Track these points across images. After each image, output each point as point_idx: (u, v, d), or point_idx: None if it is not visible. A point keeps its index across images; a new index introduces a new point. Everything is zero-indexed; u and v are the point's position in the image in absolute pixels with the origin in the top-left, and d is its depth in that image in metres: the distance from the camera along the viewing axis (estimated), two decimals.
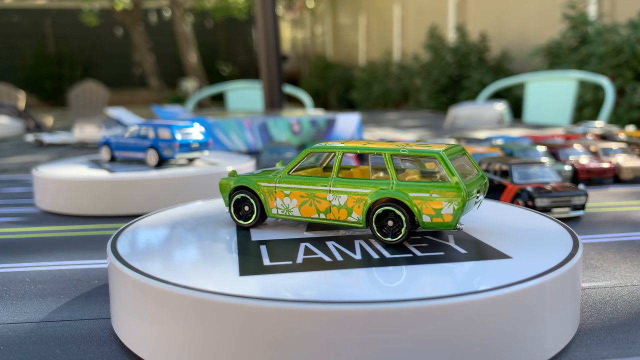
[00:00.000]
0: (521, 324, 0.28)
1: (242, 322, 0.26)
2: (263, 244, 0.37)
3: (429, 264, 0.32)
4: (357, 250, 0.35)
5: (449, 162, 0.35)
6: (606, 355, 0.30)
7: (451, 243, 0.36)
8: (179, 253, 0.35)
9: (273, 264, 0.33)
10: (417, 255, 0.34)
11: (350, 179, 0.38)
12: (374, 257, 0.34)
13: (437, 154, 0.36)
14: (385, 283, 0.29)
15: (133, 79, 9.52)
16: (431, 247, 0.35)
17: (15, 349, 0.32)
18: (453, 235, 0.38)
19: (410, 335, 0.26)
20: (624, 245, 0.50)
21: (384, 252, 0.35)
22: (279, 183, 0.40)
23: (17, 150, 1.36)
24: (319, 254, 0.35)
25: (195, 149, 0.74)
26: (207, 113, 1.54)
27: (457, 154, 0.38)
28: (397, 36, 6.04)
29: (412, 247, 0.35)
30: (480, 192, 0.38)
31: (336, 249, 0.36)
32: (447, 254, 0.34)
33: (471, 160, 0.39)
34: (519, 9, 3.92)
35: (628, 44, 2.35)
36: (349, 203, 0.38)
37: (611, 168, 0.77)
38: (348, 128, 1.27)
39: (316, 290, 0.28)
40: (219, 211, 0.47)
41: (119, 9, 7.08)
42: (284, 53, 9.41)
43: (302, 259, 0.34)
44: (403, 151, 0.37)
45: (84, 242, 0.55)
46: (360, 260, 0.33)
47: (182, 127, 0.73)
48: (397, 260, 0.33)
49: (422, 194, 0.35)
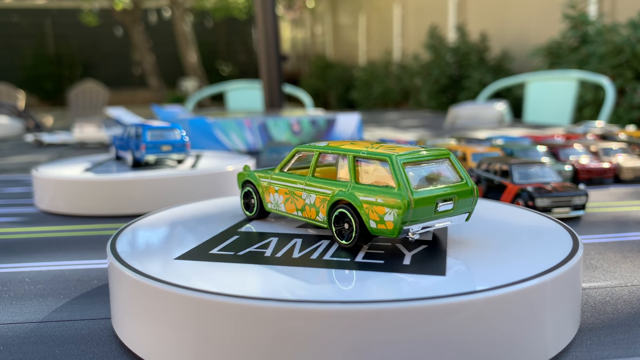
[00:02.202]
0: (522, 324, 0.28)
1: (242, 322, 0.26)
2: (237, 235, 0.39)
3: (367, 270, 0.31)
4: (311, 249, 0.36)
5: (397, 167, 0.33)
6: (607, 355, 0.30)
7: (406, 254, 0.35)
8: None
9: (217, 252, 0.35)
10: (358, 261, 0.33)
11: (320, 179, 0.38)
12: (313, 257, 0.34)
13: (388, 157, 0.34)
14: (295, 282, 0.30)
15: (133, 78, 9.51)
16: (378, 255, 0.34)
17: (15, 349, 0.32)
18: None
19: (410, 335, 0.26)
20: (625, 245, 0.49)
21: (338, 254, 0.35)
22: (271, 179, 0.42)
23: (17, 150, 1.36)
24: (265, 250, 0.36)
25: (167, 151, 0.71)
26: (207, 113, 1.54)
27: (427, 158, 0.35)
28: (397, 36, 6.04)
29: (363, 252, 0.35)
30: (455, 200, 0.35)
31: (295, 246, 0.36)
32: (386, 262, 0.33)
33: (455, 167, 0.36)
34: (519, 8, 3.92)
35: (628, 44, 2.35)
36: (316, 202, 0.38)
37: (611, 168, 0.77)
38: (348, 128, 1.27)
39: (197, 279, 0.30)
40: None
41: (118, 9, 7.08)
42: (284, 53, 9.40)
43: (248, 251, 0.35)
44: (363, 153, 0.36)
45: (83, 242, 0.55)
46: (295, 258, 0.34)
47: (154, 128, 0.72)
48: (330, 262, 0.33)
49: (370, 198, 0.34)
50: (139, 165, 0.72)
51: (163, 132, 0.72)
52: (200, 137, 1.14)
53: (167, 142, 0.72)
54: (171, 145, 0.72)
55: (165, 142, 0.72)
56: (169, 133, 0.73)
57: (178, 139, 0.73)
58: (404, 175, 0.33)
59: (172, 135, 0.73)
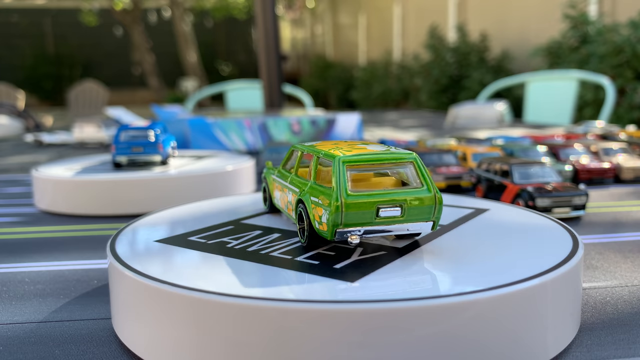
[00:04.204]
0: (522, 324, 0.28)
1: (243, 322, 0.26)
2: (232, 225, 0.42)
3: (298, 270, 0.31)
4: (273, 244, 0.36)
5: (336, 168, 0.32)
6: (607, 355, 0.30)
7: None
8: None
9: (193, 239, 0.38)
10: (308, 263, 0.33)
11: (297, 178, 0.38)
12: (262, 252, 0.35)
13: (332, 157, 0.33)
14: (229, 274, 0.30)
15: (132, 78, 9.52)
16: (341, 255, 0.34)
17: (14, 349, 0.32)
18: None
19: (409, 335, 0.25)
20: (625, 246, 0.49)
21: (291, 252, 0.35)
22: (274, 176, 0.43)
23: (17, 150, 1.36)
24: (234, 242, 0.37)
25: (138, 152, 0.70)
26: (207, 113, 1.54)
27: (382, 161, 0.33)
28: (397, 36, 6.04)
29: (323, 251, 0.35)
30: (405, 207, 0.32)
31: (269, 241, 0.37)
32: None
33: (419, 173, 0.34)
34: (519, 8, 3.92)
35: (629, 44, 2.35)
36: (292, 200, 0.38)
37: (612, 168, 0.77)
38: (348, 128, 1.27)
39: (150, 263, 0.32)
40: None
41: (118, 9, 7.08)
42: (284, 53, 9.40)
43: (219, 241, 0.37)
44: (321, 154, 0.35)
45: (83, 242, 0.55)
46: (249, 252, 0.35)
47: (129, 129, 0.71)
48: (269, 258, 0.34)
49: (315, 199, 0.33)
50: (119, 166, 0.71)
51: (136, 133, 0.71)
52: (200, 137, 1.14)
53: (138, 144, 0.70)
54: (142, 146, 0.70)
55: (136, 143, 0.70)
56: (142, 134, 0.71)
57: (151, 140, 0.71)
58: (341, 176, 0.32)
59: (145, 137, 0.71)
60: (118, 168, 0.71)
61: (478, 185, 0.68)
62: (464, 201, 0.49)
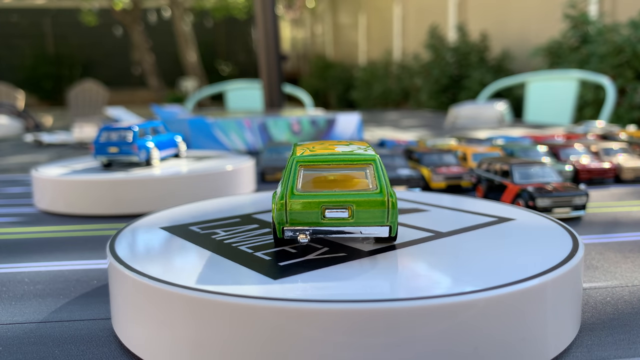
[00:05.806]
0: (522, 324, 0.28)
1: (243, 322, 0.26)
2: (239, 219, 0.44)
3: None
4: (256, 240, 0.37)
5: (290, 167, 0.32)
6: (608, 355, 0.30)
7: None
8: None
9: (184, 222, 0.41)
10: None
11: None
12: (234, 245, 0.36)
13: (292, 157, 0.33)
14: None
15: (132, 78, 9.52)
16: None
17: (14, 349, 0.32)
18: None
19: (408, 335, 0.25)
20: (625, 246, 0.49)
21: (267, 246, 0.35)
22: None
23: (16, 150, 1.36)
24: (225, 233, 0.39)
25: (114, 153, 0.69)
26: (207, 113, 1.54)
27: (338, 162, 0.33)
28: (398, 36, 6.04)
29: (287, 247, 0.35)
30: (353, 209, 0.32)
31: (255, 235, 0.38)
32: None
33: (377, 175, 0.33)
34: (519, 8, 3.92)
35: (629, 44, 2.35)
36: None
37: (612, 168, 0.77)
38: (348, 128, 1.27)
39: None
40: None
41: (118, 9, 7.08)
42: (284, 53, 9.39)
43: (205, 232, 0.39)
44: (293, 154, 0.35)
45: (83, 242, 0.55)
46: (224, 244, 0.36)
47: (109, 129, 0.70)
48: (239, 252, 0.34)
49: (277, 198, 0.33)
50: (107, 166, 0.71)
51: (114, 134, 0.69)
52: (200, 137, 1.13)
53: (114, 144, 0.69)
54: (118, 147, 0.69)
55: (112, 143, 0.69)
56: (120, 135, 0.69)
57: (128, 141, 0.69)
58: (292, 175, 0.32)
59: (123, 137, 0.69)
60: (106, 168, 0.70)
61: (478, 185, 0.68)
62: (486, 207, 0.46)
